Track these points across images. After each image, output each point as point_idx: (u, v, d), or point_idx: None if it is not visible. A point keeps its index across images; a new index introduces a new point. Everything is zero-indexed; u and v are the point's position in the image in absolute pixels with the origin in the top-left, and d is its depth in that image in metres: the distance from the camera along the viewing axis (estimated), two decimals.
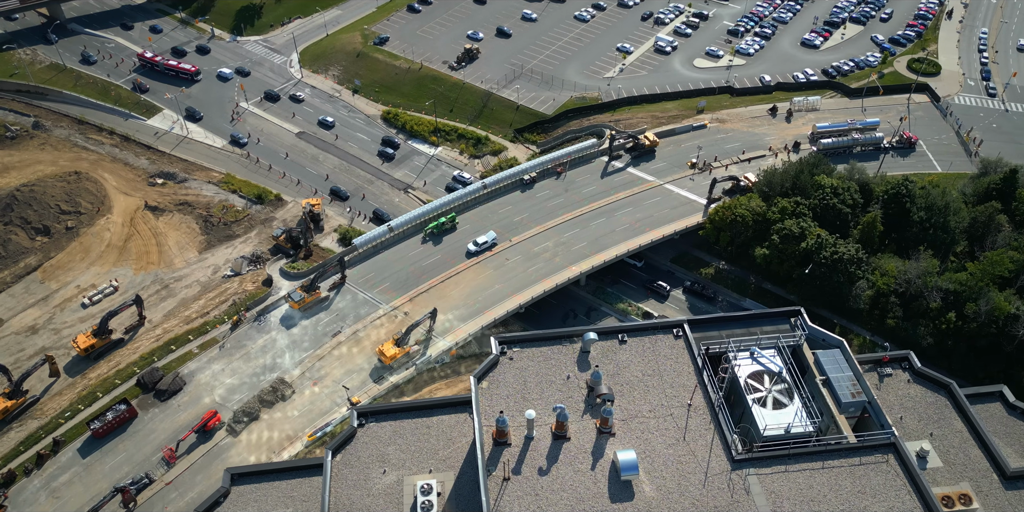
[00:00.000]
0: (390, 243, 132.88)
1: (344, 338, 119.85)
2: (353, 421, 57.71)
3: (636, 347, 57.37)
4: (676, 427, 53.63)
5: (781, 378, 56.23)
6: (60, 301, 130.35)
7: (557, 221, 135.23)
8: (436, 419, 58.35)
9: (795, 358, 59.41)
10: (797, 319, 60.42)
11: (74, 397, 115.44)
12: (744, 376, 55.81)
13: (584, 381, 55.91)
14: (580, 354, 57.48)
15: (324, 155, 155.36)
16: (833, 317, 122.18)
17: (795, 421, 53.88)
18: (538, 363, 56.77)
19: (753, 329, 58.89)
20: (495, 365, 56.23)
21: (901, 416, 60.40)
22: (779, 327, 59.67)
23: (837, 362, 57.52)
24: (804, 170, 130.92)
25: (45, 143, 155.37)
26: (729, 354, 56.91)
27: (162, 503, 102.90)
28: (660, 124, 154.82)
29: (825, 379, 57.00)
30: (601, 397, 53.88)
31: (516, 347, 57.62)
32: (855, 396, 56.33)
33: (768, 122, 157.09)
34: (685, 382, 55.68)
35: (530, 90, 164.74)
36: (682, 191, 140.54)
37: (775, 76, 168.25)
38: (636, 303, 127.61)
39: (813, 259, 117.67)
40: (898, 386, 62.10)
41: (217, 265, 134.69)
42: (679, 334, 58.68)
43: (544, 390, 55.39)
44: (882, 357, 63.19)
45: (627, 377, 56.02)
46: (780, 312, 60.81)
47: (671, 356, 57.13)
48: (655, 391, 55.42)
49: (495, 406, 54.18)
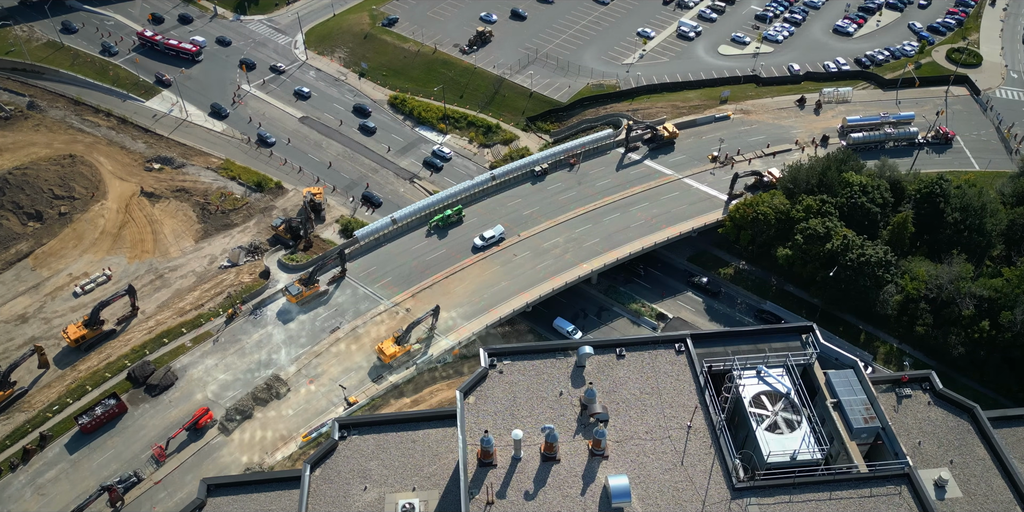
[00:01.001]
0: (393, 236, 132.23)
1: (343, 334, 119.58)
2: (334, 433, 56.78)
3: (635, 362, 55.93)
4: (674, 451, 52.26)
5: (789, 400, 54.70)
6: (51, 289, 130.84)
7: (569, 216, 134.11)
8: (422, 433, 57.37)
9: (805, 378, 57.86)
10: (809, 336, 58.71)
11: (63, 390, 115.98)
12: (749, 397, 54.30)
13: (578, 398, 54.56)
14: (575, 369, 56.16)
15: (327, 141, 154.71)
16: (859, 323, 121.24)
17: (802, 447, 52.42)
18: (529, 378, 55.54)
19: (761, 345, 57.27)
20: (483, 379, 55.09)
21: (919, 441, 58.64)
22: (789, 344, 57.99)
23: (850, 384, 55.80)
24: (832, 166, 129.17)
25: (40, 124, 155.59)
26: (734, 372, 55.41)
27: (150, 503, 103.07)
28: (680, 114, 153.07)
29: (836, 402, 55.36)
30: (595, 416, 52.58)
31: (506, 359, 56.41)
32: (868, 421, 54.65)
33: (795, 114, 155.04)
34: (685, 402, 54.24)
35: (544, 76, 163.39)
36: (702, 186, 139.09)
37: (804, 65, 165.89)
38: (650, 304, 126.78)
39: (838, 261, 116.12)
40: (917, 408, 60.32)
41: (214, 255, 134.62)
42: (681, 349, 57.13)
43: (535, 407, 54.17)
44: (901, 377, 61.32)
45: (624, 395, 54.64)
46: (791, 328, 59.06)
47: (672, 373, 55.63)
48: (653, 411, 54.03)
49: (482, 423, 53.02)
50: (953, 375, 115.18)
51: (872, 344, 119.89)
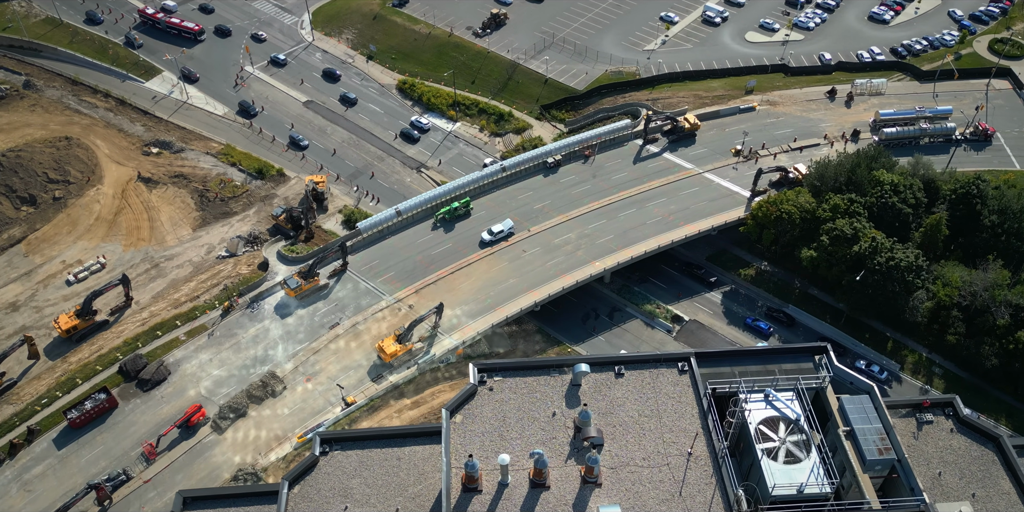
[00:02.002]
0: (397, 228, 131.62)
1: (342, 331, 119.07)
2: (315, 448, 55.75)
3: (634, 382, 54.42)
4: (672, 479, 50.76)
5: (798, 427, 52.99)
6: (44, 277, 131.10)
7: (582, 210, 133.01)
8: (408, 450, 56.26)
9: (816, 404, 56.12)
10: (822, 358, 56.83)
11: (52, 383, 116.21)
12: (755, 422, 52.65)
13: (572, 420, 53.12)
14: (570, 387, 54.78)
15: (332, 127, 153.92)
16: (886, 330, 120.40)
17: (810, 479, 50.69)
18: (521, 396, 54.18)
19: (770, 366, 55.61)
20: (472, 396, 53.78)
21: (940, 472, 56.80)
22: (801, 365, 56.25)
23: (865, 411, 54.04)
24: (862, 163, 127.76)
25: (36, 104, 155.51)
26: (740, 395, 53.73)
27: (139, 502, 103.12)
28: (703, 105, 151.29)
29: (849, 430, 53.59)
30: (588, 440, 51.14)
31: (497, 376, 55.17)
32: (883, 453, 52.86)
33: (825, 106, 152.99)
34: (687, 426, 52.68)
35: (561, 62, 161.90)
36: (723, 181, 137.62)
37: (836, 54, 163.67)
38: (665, 305, 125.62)
39: (866, 265, 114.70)
40: (939, 436, 58.44)
41: (211, 244, 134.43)
42: (684, 369, 55.49)
43: (525, 428, 52.80)
44: (922, 401, 59.40)
45: (621, 417, 53.16)
46: (803, 348, 57.35)
47: (673, 395, 54.05)
48: (651, 435, 52.50)
49: (468, 444, 51.73)
50: (986, 388, 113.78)
51: (900, 353, 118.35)
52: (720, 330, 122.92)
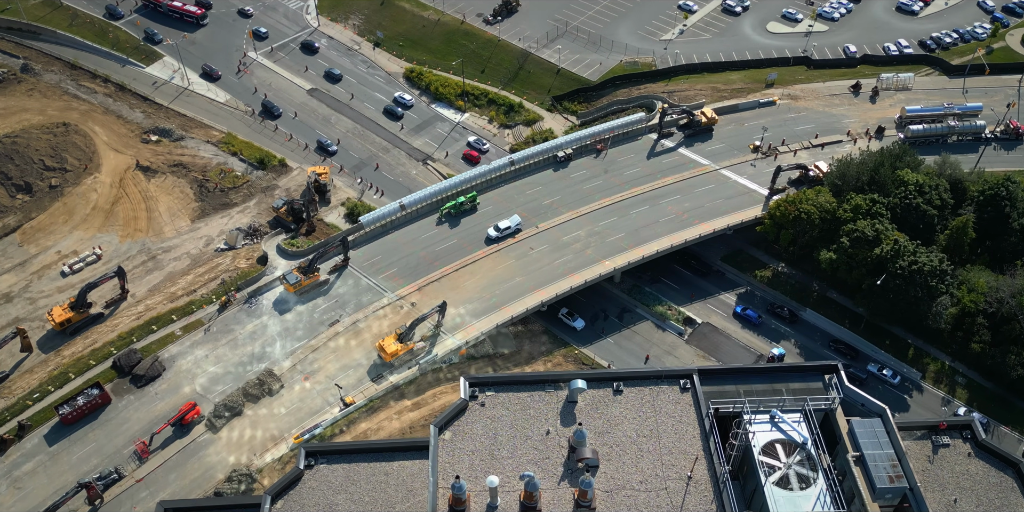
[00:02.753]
0: (401, 223, 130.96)
1: (342, 328, 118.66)
2: (300, 461, 54.84)
3: (633, 400, 53.17)
4: (670, 505, 49.50)
5: (805, 451, 51.50)
6: (38, 267, 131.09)
7: (592, 207, 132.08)
8: (396, 465, 55.28)
9: (825, 426, 54.65)
10: (832, 377, 55.33)
11: (44, 377, 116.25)
12: (760, 445, 51.35)
13: (566, 439, 51.91)
14: (565, 404, 53.61)
15: (337, 116, 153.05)
16: (907, 337, 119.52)
17: (816, 507, 49.31)
18: (514, 413, 53.07)
19: (777, 386, 54.14)
20: (462, 412, 52.63)
21: (956, 499, 55.31)
22: (810, 385, 54.84)
23: (876, 435, 52.61)
24: (885, 162, 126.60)
25: (33, 89, 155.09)
26: (744, 416, 52.36)
27: (131, 502, 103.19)
28: (721, 98, 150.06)
29: (859, 456, 52.14)
30: (583, 462, 49.91)
31: (489, 390, 54.09)
32: (894, 481, 51.43)
33: (849, 101, 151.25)
34: (687, 448, 51.40)
35: (574, 51, 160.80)
36: (740, 179, 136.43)
37: (862, 46, 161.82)
38: (677, 306, 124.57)
39: (887, 268, 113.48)
40: (956, 460, 56.90)
41: (210, 236, 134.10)
42: (687, 386, 54.13)
43: (517, 447, 51.66)
44: (939, 423, 57.83)
45: (618, 437, 51.94)
46: (813, 367, 55.91)
47: (674, 414, 52.77)
48: (650, 457, 51.25)
49: (457, 463, 50.64)
50: (1011, 399, 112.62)
51: (921, 360, 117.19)
52: (734, 334, 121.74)
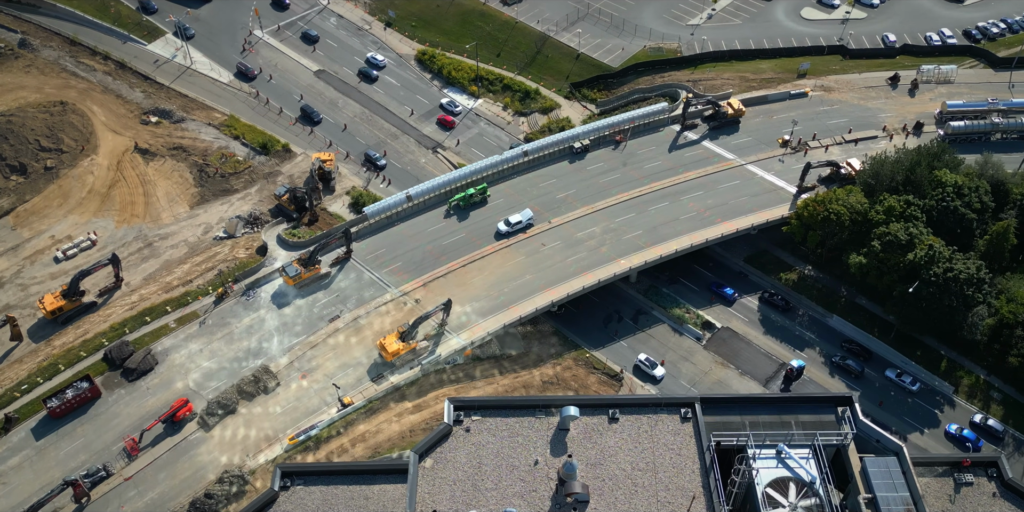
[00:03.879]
0: (407, 215, 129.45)
1: (342, 325, 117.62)
2: (274, 482, 52.35)
3: (630, 429, 50.82)
4: None
5: (813, 490, 48.72)
6: (31, 252, 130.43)
7: (609, 202, 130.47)
8: (377, 489, 52.76)
9: (835, 463, 51.68)
10: (846, 410, 52.47)
11: (34, 367, 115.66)
12: (764, 483, 48.48)
13: (556, 470, 49.23)
14: (556, 431, 51.43)
15: (345, 100, 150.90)
16: (940, 348, 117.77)
17: None
18: (501, 440, 50.73)
19: (786, 418, 51.50)
20: (446, 437, 50.16)
21: None
22: (821, 418, 52.38)
23: (890, 475, 49.78)
24: (922, 161, 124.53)
25: (31, 65, 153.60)
26: (748, 451, 49.56)
27: (118, 501, 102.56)
28: (750, 88, 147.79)
29: (871, 498, 49.05)
30: (572, 497, 47.13)
31: (476, 415, 51.79)
32: None
33: (886, 94, 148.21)
34: (685, 484, 48.72)
35: (595, 35, 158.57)
36: (767, 175, 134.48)
37: (902, 36, 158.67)
38: (696, 309, 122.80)
39: (921, 275, 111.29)
40: (979, 500, 54.18)
41: (209, 224, 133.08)
42: (688, 416, 51.56)
43: (503, 477, 49.08)
44: (962, 460, 54.88)
45: (611, 470, 49.31)
46: (825, 398, 53.51)
47: (673, 446, 50.16)
48: (644, 493, 48.50)
49: (438, 495, 48.20)
50: None
51: (954, 374, 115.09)
52: (755, 340, 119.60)
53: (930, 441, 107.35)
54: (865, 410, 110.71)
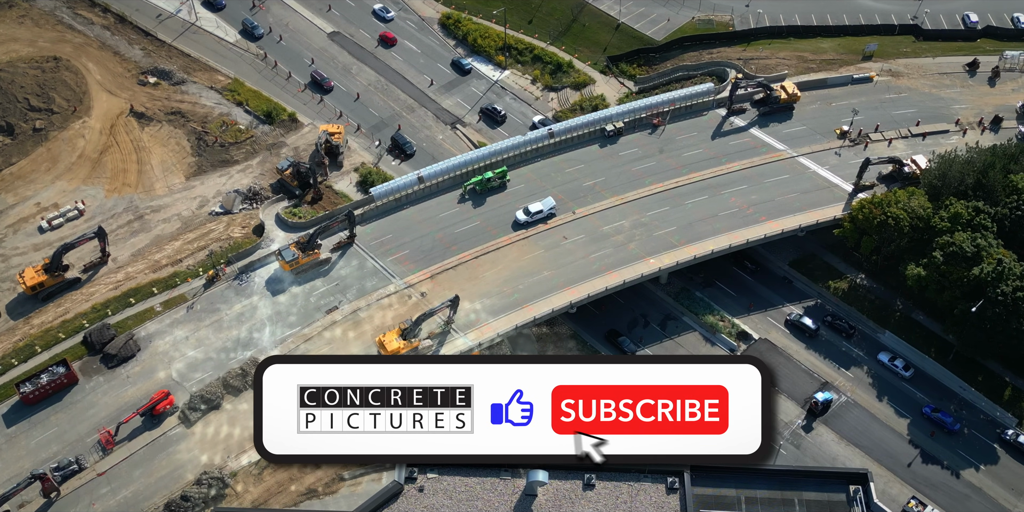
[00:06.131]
0: (417, 198, 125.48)
1: (340, 317, 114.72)
2: None
3: (606, 498, 46.83)
4: None
5: None
6: (15, 220, 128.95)
7: (641, 193, 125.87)
8: None
9: None
10: (858, 491, 47.12)
11: (9, 348, 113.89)
12: None
13: None
14: (522, 497, 47.19)
15: (359, 66, 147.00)
16: (1005, 374, 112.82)
17: None
18: (457, 503, 46.70)
19: (788, 494, 46.77)
20: (394, 497, 45.92)
21: None
22: (830, 497, 47.79)
23: None
24: (997, 163, 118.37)
25: (25, 16, 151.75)
26: None
27: (90, 498, 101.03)
28: (807, 70, 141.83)
29: None
30: None
31: (432, 472, 47.10)
32: None
33: (962, 83, 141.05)
34: None
35: (638, 4, 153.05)
36: (821, 170, 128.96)
37: (985, 16, 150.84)
38: (731, 317, 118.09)
39: (987, 293, 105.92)
40: None
41: (205, 197, 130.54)
42: (674, 486, 46.77)
43: None
44: None
45: None
46: (837, 473, 48.73)
47: None
48: None
49: None
50: None
51: (1019, 404, 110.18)
52: (796, 354, 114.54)
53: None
54: (915, 440, 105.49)
